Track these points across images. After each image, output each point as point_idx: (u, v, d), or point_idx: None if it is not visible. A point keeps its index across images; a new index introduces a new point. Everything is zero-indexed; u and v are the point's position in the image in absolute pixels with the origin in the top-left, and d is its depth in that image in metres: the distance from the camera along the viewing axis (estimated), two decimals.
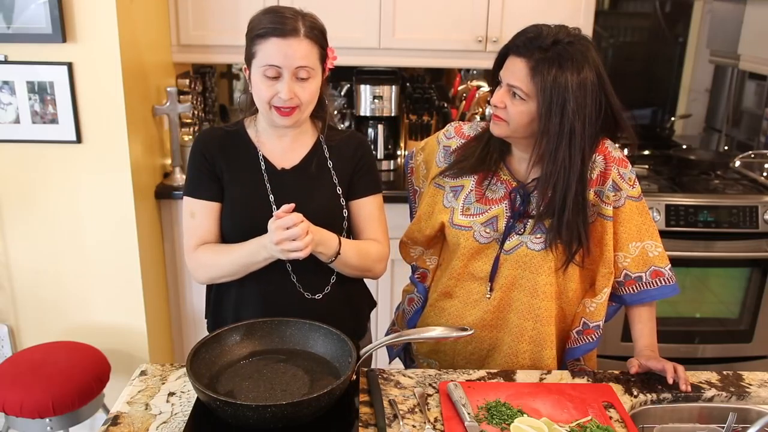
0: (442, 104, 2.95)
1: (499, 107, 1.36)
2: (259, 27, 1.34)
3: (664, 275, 1.45)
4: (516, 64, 1.33)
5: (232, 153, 1.45)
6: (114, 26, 2.05)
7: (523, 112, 1.34)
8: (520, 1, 2.54)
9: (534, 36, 1.32)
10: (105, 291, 2.32)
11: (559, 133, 1.31)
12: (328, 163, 1.49)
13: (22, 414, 1.88)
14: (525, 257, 1.43)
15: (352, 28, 2.53)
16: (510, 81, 1.34)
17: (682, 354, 2.61)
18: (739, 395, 1.36)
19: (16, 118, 2.13)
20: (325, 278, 1.48)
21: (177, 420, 1.21)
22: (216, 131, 1.49)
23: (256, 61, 1.35)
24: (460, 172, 1.49)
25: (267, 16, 1.35)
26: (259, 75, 1.35)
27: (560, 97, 1.29)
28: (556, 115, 1.30)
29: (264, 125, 1.47)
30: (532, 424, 1.16)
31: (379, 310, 2.64)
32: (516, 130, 1.37)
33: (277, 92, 1.34)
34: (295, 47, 1.33)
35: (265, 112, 1.39)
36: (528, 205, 1.43)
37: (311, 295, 1.47)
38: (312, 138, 1.50)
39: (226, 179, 1.45)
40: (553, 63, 1.29)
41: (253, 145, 1.47)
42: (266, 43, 1.33)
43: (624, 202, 1.43)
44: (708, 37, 3.24)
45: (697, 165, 2.85)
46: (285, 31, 1.32)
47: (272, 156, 1.46)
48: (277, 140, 1.47)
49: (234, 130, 1.49)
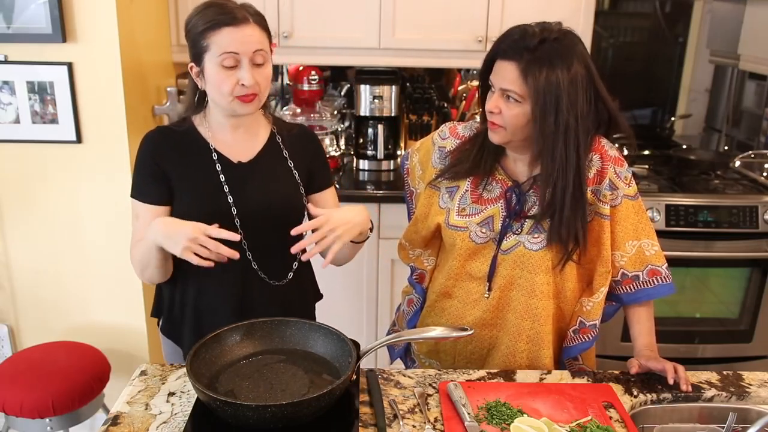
0: (442, 104, 2.95)
1: (495, 113, 1.36)
2: (206, 21, 1.35)
3: (661, 274, 1.45)
4: (506, 67, 1.32)
5: (182, 152, 1.45)
6: (114, 26, 2.05)
7: (519, 115, 1.33)
8: (520, 1, 2.54)
9: (519, 37, 1.32)
10: (105, 291, 2.32)
11: (555, 132, 1.31)
12: (284, 152, 1.51)
13: (22, 414, 1.88)
14: (523, 257, 1.43)
15: (352, 28, 2.54)
16: (503, 85, 1.33)
17: (682, 354, 2.61)
18: (739, 395, 1.36)
19: (16, 118, 2.13)
20: (288, 265, 1.52)
21: (177, 420, 1.21)
22: (164, 131, 1.49)
23: (211, 54, 1.35)
24: (455, 176, 1.49)
25: (210, 9, 1.36)
26: (216, 67, 1.35)
27: (553, 96, 1.29)
28: (550, 113, 1.30)
29: (218, 118, 1.46)
30: (532, 424, 1.16)
31: (379, 310, 2.64)
32: (514, 134, 1.37)
33: (237, 81, 1.35)
34: (249, 33, 1.35)
35: (226, 103, 1.38)
36: (524, 205, 1.43)
37: (274, 281, 1.51)
38: (266, 130, 1.52)
39: (175, 180, 1.44)
40: (544, 62, 1.29)
41: (205, 142, 1.46)
42: (219, 33, 1.33)
43: (621, 200, 1.43)
44: (708, 37, 3.24)
45: (697, 165, 2.85)
46: (237, 19, 1.34)
47: (227, 150, 1.47)
48: (232, 133, 1.47)
49: (183, 129, 1.48)
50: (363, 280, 2.59)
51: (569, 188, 1.34)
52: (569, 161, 1.33)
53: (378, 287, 2.60)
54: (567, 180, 1.34)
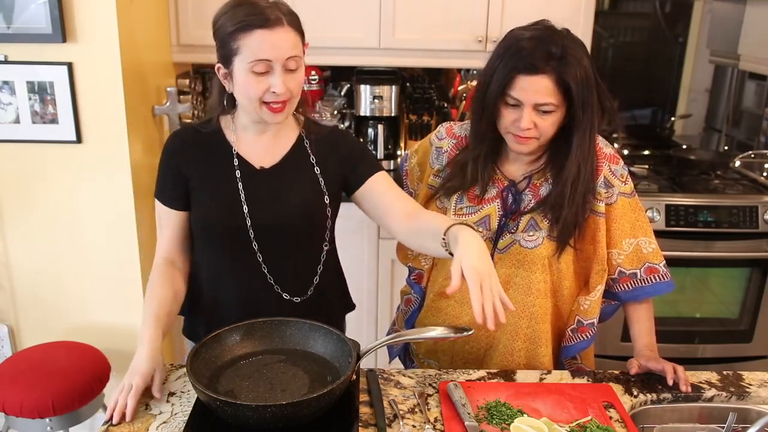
0: (442, 104, 2.95)
1: (531, 128, 1.34)
2: (236, 21, 1.25)
3: (658, 272, 1.45)
4: (537, 82, 1.30)
5: (204, 155, 1.39)
6: (114, 26, 2.05)
7: (555, 123, 1.34)
8: (520, 1, 2.54)
9: (538, 48, 1.29)
10: (105, 291, 2.32)
11: (589, 127, 1.34)
12: (312, 159, 1.42)
13: (22, 414, 1.88)
14: (518, 255, 1.43)
15: (352, 28, 2.53)
16: (537, 100, 1.31)
17: (682, 354, 2.61)
18: (739, 395, 1.36)
19: (16, 118, 2.13)
20: (308, 280, 1.45)
21: (177, 420, 1.21)
22: (188, 132, 1.42)
23: (241, 58, 1.26)
24: (449, 191, 1.48)
25: (240, 9, 1.26)
26: (246, 72, 1.26)
27: (587, 89, 1.32)
28: (587, 111, 1.33)
29: (245, 122, 1.39)
30: (532, 424, 1.16)
31: (379, 310, 2.64)
32: (547, 140, 1.38)
33: (268, 87, 1.27)
34: (283, 37, 1.26)
35: (255, 109, 1.31)
36: (520, 203, 1.44)
37: (294, 297, 1.44)
38: (294, 133, 1.43)
39: (194, 183, 1.39)
40: (572, 65, 1.29)
41: (229, 145, 1.39)
42: (251, 36, 1.24)
43: (616, 198, 1.43)
44: (708, 37, 3.24)
45: (697, 165, 2.85)
46: (270, 21, 1.24)
47: (251, 154, 1.40)
48: (258, 138, 1.40)
49: (208, 130, 1.41)
50: (363, 280, 2.58)
51: (585, 175, 1.37)
52: (592, 152, 1.37)
53: (378, 287, 2.60)
54: (589, 168, 1.37)
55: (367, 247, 2.54)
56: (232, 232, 1.37)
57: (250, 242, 1.38)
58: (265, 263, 1.40)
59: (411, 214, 1.36)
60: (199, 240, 1.44)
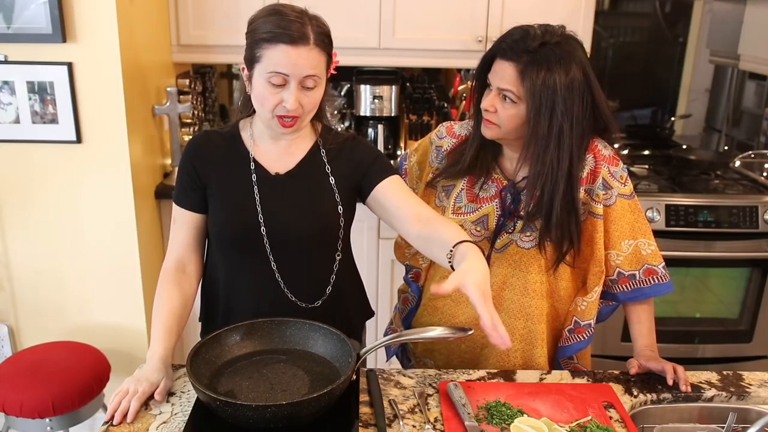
0: (442, 104, 2.95)
1: (490, 111, 1.35)
2: (265, 30, 1.26)
3: (657, 273, 1.45)
4: (505, 68, 1.32)
5: (223, 159, 1.40)
6: (114, 26, 2.06)
7: (514, 116, 1.33)
8: (520, 1, 2.54)
9: (520, 38, 1.31)
10: (105, 291, 2.33)
11: (548, 135, 1.31)
12: (326, 167, 1.42)
13: (22, 414, 1.88)
14: (515, 255, 1.43)
15: (352, 28, 2.54)
16: (500, 85, 1.33)
17: (682, 354, 2.61)
18: (739, 395, 1.36)
19: (16, 118, 2.13)
20: (321, 288, 1.45)
21: (177, 420, 1.21)
22: (209, 135, 1.43)
23: (261, 67, 1.27)
24: (452, 175, 1.49)
25: (272, 17, 1.27)
26: (263, 81, 1.27)
27: (549, 100, 1.29)
28: (545, 117, 1.30)
29: (261, 128, 1.41)
30: (532, 424, 1.16)
31: (379, 310, 2.64)
32: (508, 133, 1.37)
33: (281, 101, 1.27)
34: (304, 56, 1.25)
35: (266, 120, 1.33)
36: (518, 204, 1.44)
37: (307, 303, 1.43)
38: (309, 141, 1.43)
39: (212, 187, 1.39)
40: (542, 65, 1.28)
41: (246, 150, 1.40)
42: (274, 49, 1.25)
43: (615, 200, 1.42)
44: (708, 37, 3.24)
45: (697, 165, 2.85)
46: (294, 38, 1.24)
47: (266, 160, 1.40)
48: (273, 143, 1.40)
49: (228, 133, 1.43)
50: (363, 279, 2.58)
51: (558, 192, 1.34)
52: (560, 166, 1.33)
53: (378, 287, 2.60)
54: (556, 185, 1.34)
55: (367, 247, 2.54)
56: (245, 237, 1.37)
57: (264, 248, 1.38)
58: (278, 270, 1.40)
59: (422, 218, 1.34)
60: (214, 244, 1.44)
